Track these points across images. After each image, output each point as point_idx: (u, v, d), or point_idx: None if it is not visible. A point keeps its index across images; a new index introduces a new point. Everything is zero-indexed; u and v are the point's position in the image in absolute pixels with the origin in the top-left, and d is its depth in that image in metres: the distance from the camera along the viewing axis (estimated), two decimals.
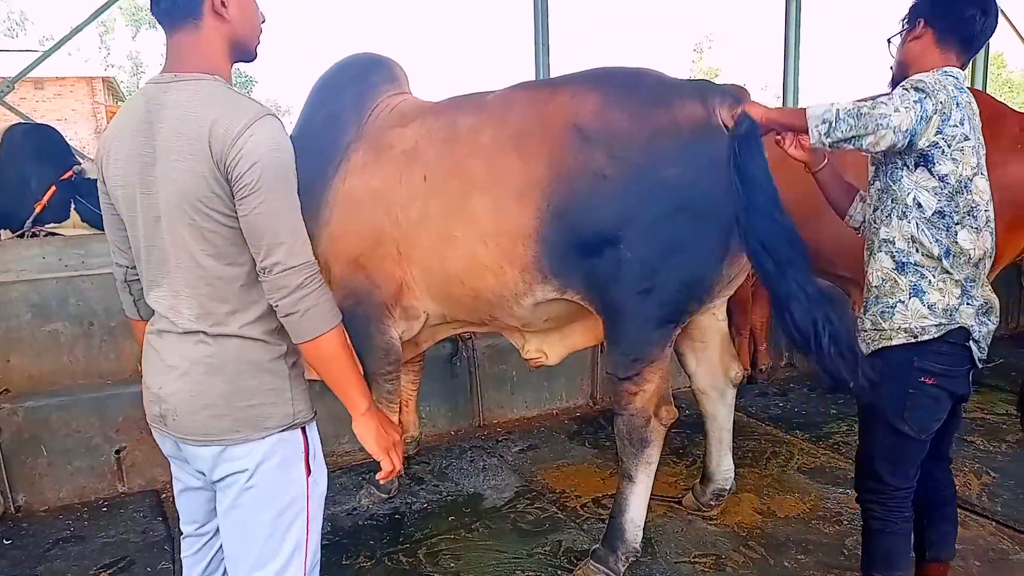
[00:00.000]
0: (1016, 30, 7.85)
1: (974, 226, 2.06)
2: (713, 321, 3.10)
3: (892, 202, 2.11)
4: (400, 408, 3.59)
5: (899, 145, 1.99)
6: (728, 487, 3.25)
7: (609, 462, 3.87)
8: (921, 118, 1.96)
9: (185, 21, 1.57)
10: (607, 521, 2.88)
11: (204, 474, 1.70)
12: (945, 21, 2.11)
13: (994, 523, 3.13)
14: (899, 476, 2.23)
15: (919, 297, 2.09)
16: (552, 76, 5.94)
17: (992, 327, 2.18)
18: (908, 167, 2.06)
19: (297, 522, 1.70)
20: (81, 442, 3.67)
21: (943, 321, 2.08)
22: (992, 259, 2.19)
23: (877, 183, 2.18)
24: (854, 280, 4.32)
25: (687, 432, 4.24)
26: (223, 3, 1.59)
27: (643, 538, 2.81)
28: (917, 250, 2.08)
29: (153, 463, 3.78)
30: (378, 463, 1.73)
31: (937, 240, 2.06)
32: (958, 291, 2.09)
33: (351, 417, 1.69)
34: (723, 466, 3.22)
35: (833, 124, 2.01)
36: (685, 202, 2.50)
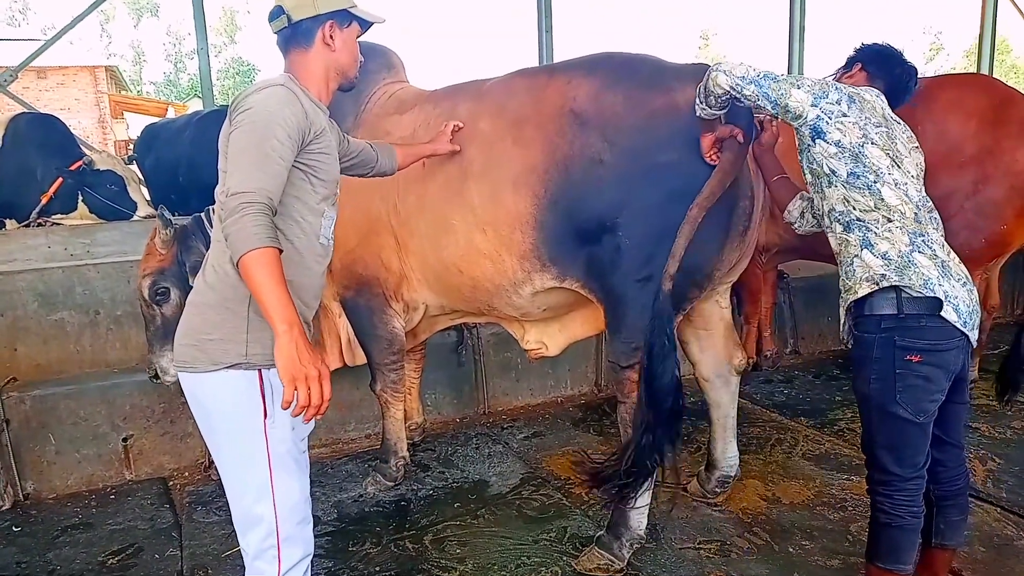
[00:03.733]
0: (1022, 14, 7.79)
1: (891, 188, 2.18)
2: (716, 308, 3.09)
3: (817, 177, 2.30)
4: (403, 396, 3.60)
5: (734, 85, 2.29)
6: (733, 474, 3.25)
7: (614, 449, 3.87)
8: (764, 79, 2.26)
9: (299, 45, 1.99)
10: (611, 512, 2.88)
11: None
12: (878, 69, 2.46)
13: (999, 509, 3.14)
14: (904, 464, 2.21)
15: (869, 249, 2.17)
16: (546, 62, 5.98)
17: (970, 296, 2.16)
18: (811, 144, 2.26)
19: (257, 461, 1.83)
20: (88, 430, 3.69)
21: (901, 276, 2.11)
22: (934, 217, 2.28)
23: (808, 175, 2.36)
24: None
25: (691, 419, 4.25)
26: (332, 36, 1.99)
27: (648, 525, 2.82)
28: (854, 207, 2.21)
29: (160, 451, 3.80)
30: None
31: (866, 198, 2.19)
32: (906, 238, 2.15)
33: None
34: (728, 453, 3.23)
35: (704, 95, 2.38)
36: (683, 187, 2.47)
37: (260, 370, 1.84)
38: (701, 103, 2.40)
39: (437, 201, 2.88)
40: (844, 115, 2.20)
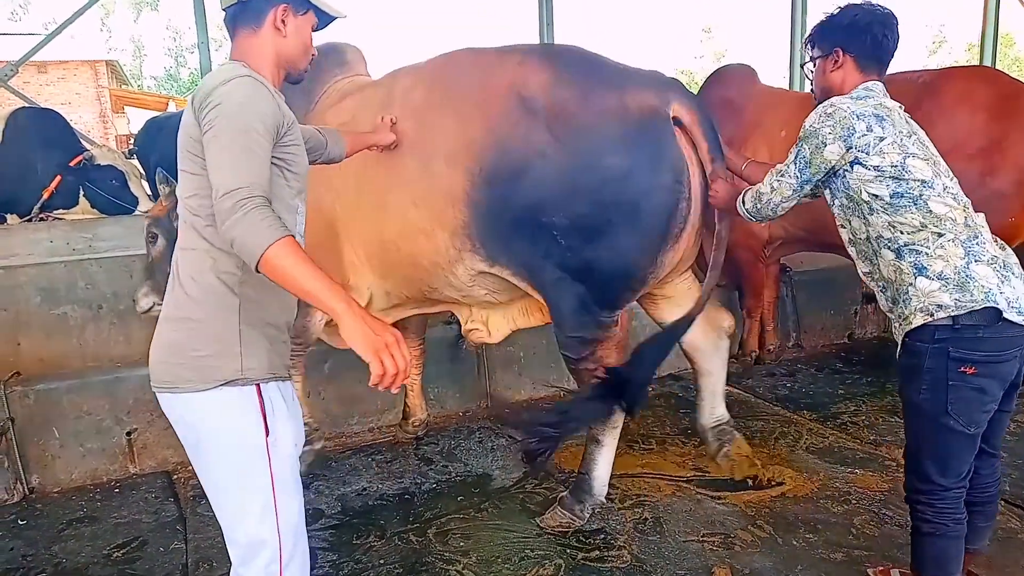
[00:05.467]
0: None
1: (938, 197, 2.10)
2: (685, 285, 3.12)
3: (856, 205, 2.20)
4: (405, 392, 3.60)
5: (800, 198, 2.32)
6: (727, 422, 3.33)
7: (617, 442, 3.87)
8: (801, 170, 2.24)
9: (247, 26, 1.84)
10: (576, 476, 3.04)
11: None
12: (862, 47, 2.28)
13: (1003, 502, 3.12)
14: (950, 475, 2.15)
15: (923, 274, 2.07)
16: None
17: (1021, 284, 2.07)
18: (847, 171, 2.17)
19: (259, 481, 1.73)
20: (92, 424, 3.70)
21: (959, 297, 2.01)
22: (978, 213, 2.20)
23: (836, 201, 2.29)
24: None
25: (695, 412, 4.25)
26: (283, 21, 1.84)
27: (651, 517, 2.83)
28: (902, 231, 2.11)
29: (164, 444, 3.80)
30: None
31: (913, 216, 2.10)
32: (960, 250, 2.05)
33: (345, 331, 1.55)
34: (717, 412, 3.30)
35: (755, 217, 2.45)
36: (623, 193, 2.47)
37: (258, 385, 1.75)
38: (757, 218, 2.45)
39: (375, 179, 2.84)
40: (881, 139, 2.11)
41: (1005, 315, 1.99)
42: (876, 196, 2.12)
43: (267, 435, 1.74)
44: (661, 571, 2.74)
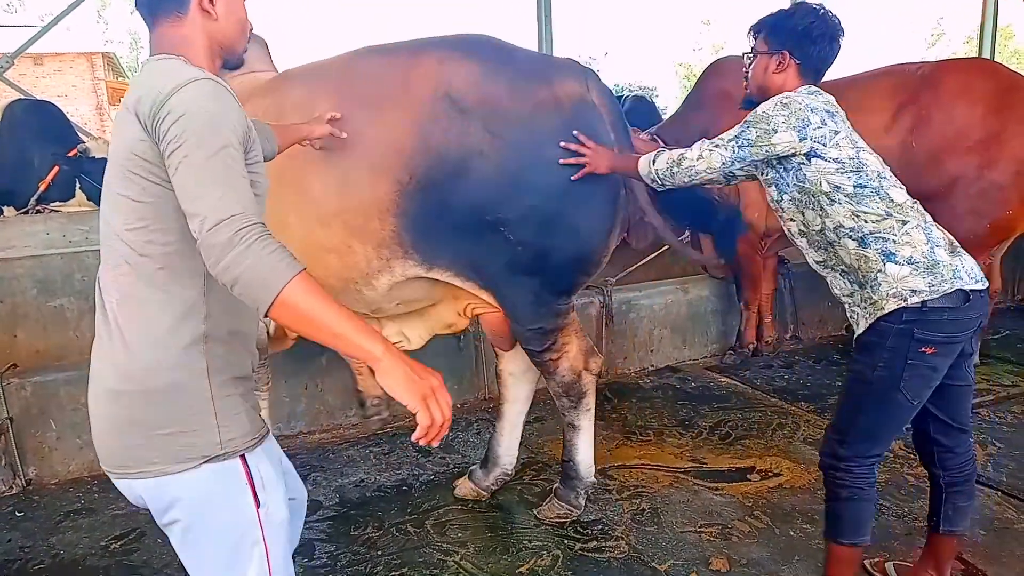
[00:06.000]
0: None
1: (896, 187, 2.17)
2: None
3: (811, 198, 2.20)
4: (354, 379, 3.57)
5: (721, 176, 2.31)
6: (511, 472, 3.24)
7: (615, 434, 3.88)
8: (740, 148, 2.23)
9: (169, 14, 1.50)
10: (562, 465, 3.05)
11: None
12: (808, 57, 2.28)
13: (999, 493, 3.14)
14: (880, 446, 2.23)
15: (892, 260, 2.10)
16: (546, 49, 5.94)
17: (968, 257, 2.15)
18: (803, 164, 2.17)
19: (254, 557, 1.53)
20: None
21: (931, 280, 2.06)
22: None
23: (786, 195, 2.26)
24: None
25: (693, 404, 4.26)
26: (211, 1, 1.52)
27: (649, 508, 2.83)
28: (867, 220, 2.13)
29: None
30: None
31: (877, 205, 2.13)
32: (923, 237, 2.11)
33: (374, 371, 1.36)
34: (512, 451, 3.22)
35: (659, 180, 2.42)
36: (564, 182, 2.47)
37: (242, 456, 1.51)
38: (659, 182, 2.43)
39: (271, 199, 2.67)
40: (836, 132, 2.16)
41: (968, 287, 2.06)
42: (838, 187, 2.14)
43: (258, 507, 1.53)
44: (658, 561, 2.74)
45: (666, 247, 4.92)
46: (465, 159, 2.43)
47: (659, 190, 2.51)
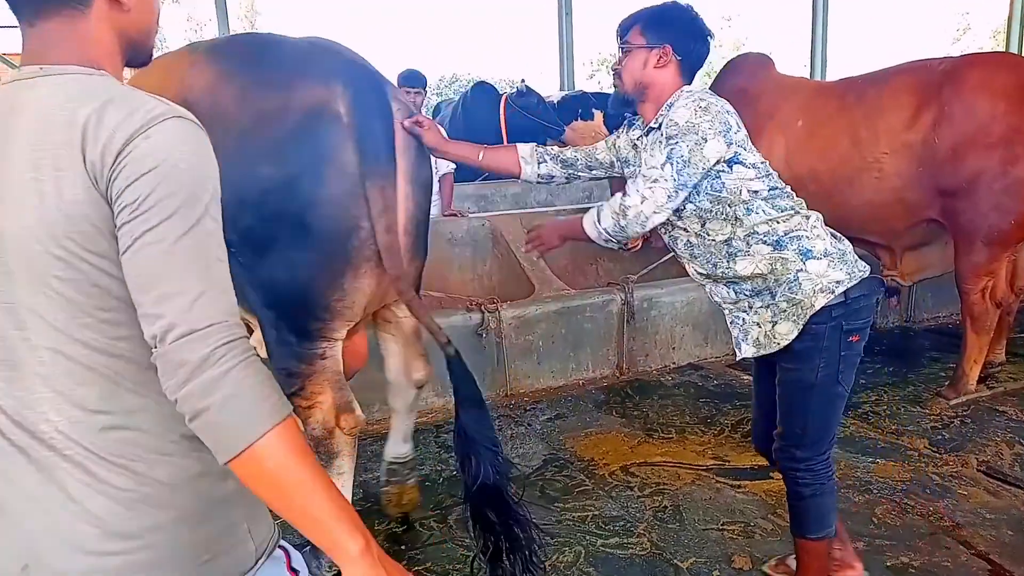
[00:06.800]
0: None
1: (787, 185, 2.24)
2: (394, 315, 2.79)
3: (729, 207, 2.14)
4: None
5: (676, 205, 2.11)
6: (406, 462, 3.04)
7: (637, 431, 3.89)
8: (679, 172, 2.05)
9: (66, 5, 1.11)
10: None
11: None
12: (689, 54, 2.20)
13: (1021, 490, 3.12)
14: (829, 438, 2.28)
15: (810, 257, 2.13)
16: (569, 47, 5.94)
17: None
18: (723, 171, 2.10)
19: None
20: None
21: (847, 269, 2.13)
22: None
23: (691, 205, 2.15)
24: (885, 246, 4.29)
25: (715, 401, 4.25)
26: None
27: (671, 505, 2.83)
28: (780, 221, 2.14)
29: None
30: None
31: (786, 203, 2.17)
32: (823, 228, 2.19)
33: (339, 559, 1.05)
34: (396, 449, 3.05)
35: (612, 239, 2.20)
36: (284, 205, 2.15)
37: (283, 549, 1.29)
38: (613, 240, 2.21)
39: None
40: (747, 136, 2.15)
41: (866, 270, 2.15)
42: (756, 193, 2.12)
43: None
44: (680, 559, 2.75)
45: None
46: None
47: (617, 248, 2.32)
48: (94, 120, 1.01)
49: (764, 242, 2.14)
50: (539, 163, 2.51)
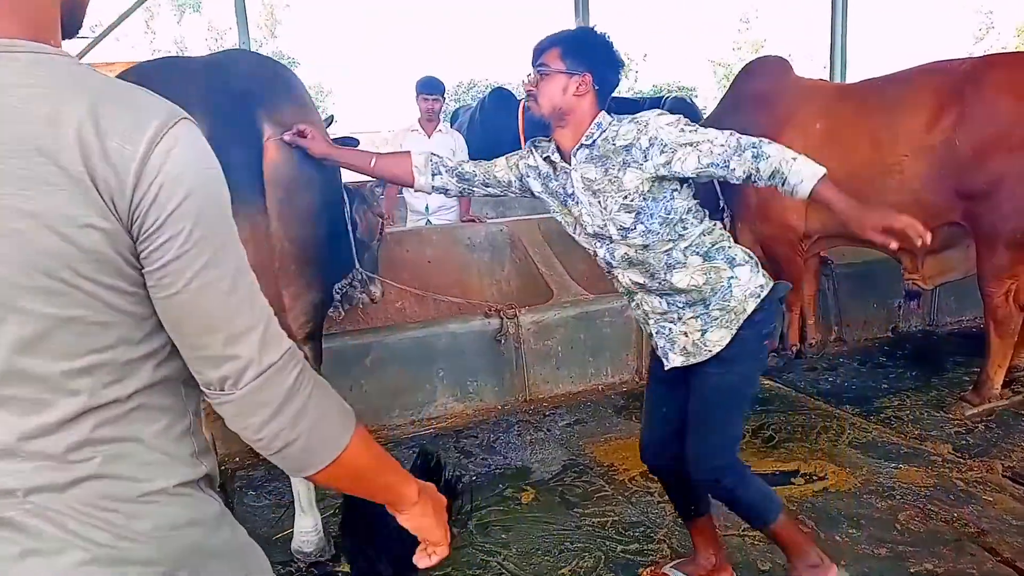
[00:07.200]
0: None
1: None
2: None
3: (673, 227, 2.16)
4: None
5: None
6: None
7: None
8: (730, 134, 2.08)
9: None
10: None
11: None
12: (605, 84, 2.19)
13: None
14: (739, 437, 2.36)
15: (735, 263, 2.18)
16: None
17: None
18: (677, 191, 2.14)
19: None
20: None
21: (765, 273, 2.22)
22: None
23: (642, 226, 2.14)
24: (906, 249, 4.24)
25: (761, 409, 4.21)
26: None
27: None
28: (707, 234, 2.20)
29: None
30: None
31: (705, 217, 2.23)
32: (729, 238, 2.26)
33: (398, 507, 1.18)
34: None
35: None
36: None
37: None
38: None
39: None
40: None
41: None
42: (690, 210, 2.18)
43: None
44: None
45: None
46: None
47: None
48: (89, 125, 0.82)
49: (696, 253, 2.19)
50: (433, 174, 2.48)
